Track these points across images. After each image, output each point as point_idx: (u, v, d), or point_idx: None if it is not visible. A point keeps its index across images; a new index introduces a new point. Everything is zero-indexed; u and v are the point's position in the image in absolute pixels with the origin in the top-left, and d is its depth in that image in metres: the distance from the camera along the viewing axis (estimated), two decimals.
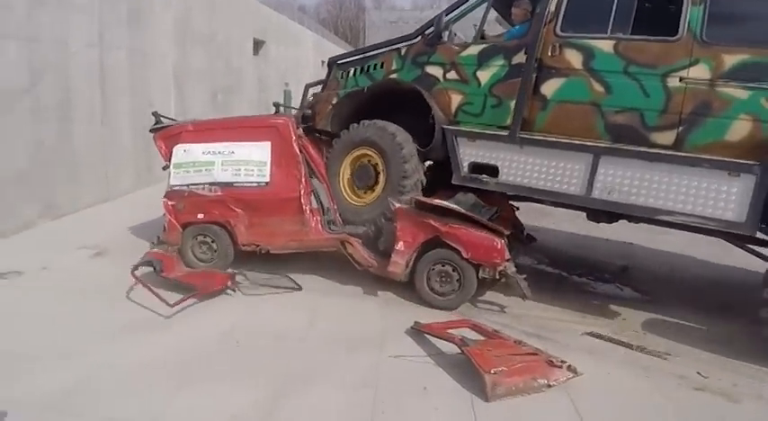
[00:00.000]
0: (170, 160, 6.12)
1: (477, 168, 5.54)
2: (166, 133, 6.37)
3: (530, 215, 7.34)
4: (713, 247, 6.92)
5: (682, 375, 4.33)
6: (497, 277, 5.20)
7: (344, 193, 6.21)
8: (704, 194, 4.51)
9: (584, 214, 5.84)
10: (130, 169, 9.78)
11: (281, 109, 7.28)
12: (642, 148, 4.77)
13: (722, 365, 4.55)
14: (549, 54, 5.11)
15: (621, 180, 4.81)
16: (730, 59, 4.45)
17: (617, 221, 5.72)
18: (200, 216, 5.96)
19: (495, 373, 3.78)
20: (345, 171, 6.22)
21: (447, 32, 5.77)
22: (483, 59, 5.53)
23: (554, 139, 5.13)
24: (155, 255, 5.59)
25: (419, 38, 5.98)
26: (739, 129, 4.43)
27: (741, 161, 4.39)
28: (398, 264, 5.41)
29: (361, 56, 6.63)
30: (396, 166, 5.74)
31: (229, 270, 5.79)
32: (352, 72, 6.56)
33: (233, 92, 14.71)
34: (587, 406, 3.78)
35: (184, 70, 11.88)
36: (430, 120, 5.71)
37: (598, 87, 4.93)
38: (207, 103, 12.96)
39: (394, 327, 4.84)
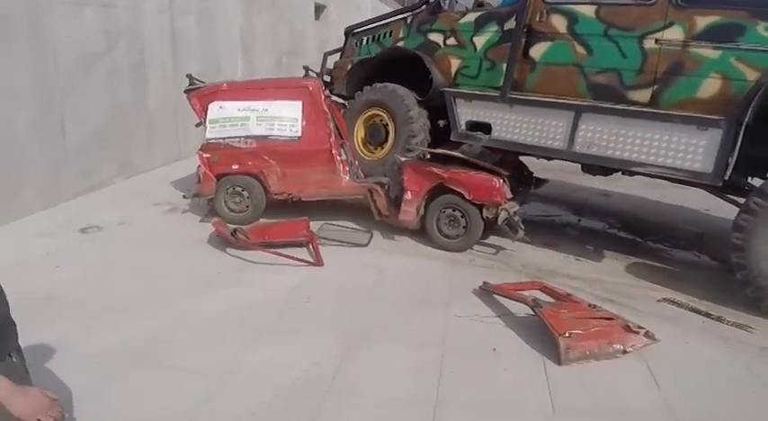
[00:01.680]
0: (204, 117, 6.41)
1: (473, 126, 6.00)
2: (201, 92, 6.60)
3: (599, 180, 7.11)
4: None
5: (764, 347, 4.11)
6: (498, 216, 5.38)
7: (359, 149, 6.86)
8: (675, 147, 4.77)
9: (651, 180, 6.01)
10: (198, 129, 9.95)
11: (310, 72, 7.72)
12: (618, 106, 5.08)
13: None
14: (537, 20, 5.52)
15: (600, 135, 5.13)
16: (702, 21, 4.71)
17: (611, 174, 5.90)
18: (235, 167, 6.20)
19: (569, 336, 3.69)
20: (360, 130, 6.88)
21: (448, 1, 6.38)
22: (479, 26, 6.05)
23: (539, 99, 5.51)
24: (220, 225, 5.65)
25: (423, 7, 6.55)
26: (709, 86, 4.72)
27: (709, 116, 4.62)
28: (409, 213, 5.74)
29: (373, 25, 7.32)
30: (404, 126, 6.35)
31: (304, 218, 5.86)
32: (365, 40, 7.34)
33: (296, 55, 14.72)
34: (665, 374, 3.63)
35: (250, 34, 11.97)
36: (422, 81, 6.27)
37: (581, 50, 5.33)
38: (272, 65, 13.06)
39: (461, 288, 4.78)
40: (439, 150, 5.90)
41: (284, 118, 6.29)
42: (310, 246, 5.40)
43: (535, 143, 5.55)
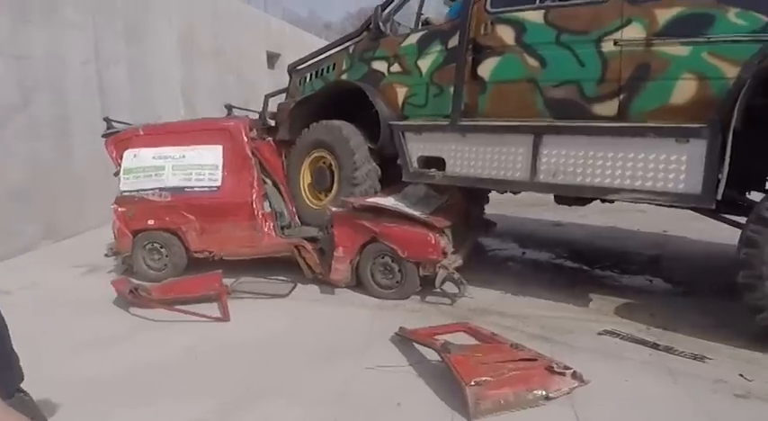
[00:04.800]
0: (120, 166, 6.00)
1: (425, 163, 5.30)
2: (117, 138, 6.22)
3: (556, 210, 6.73)
4: None
5: (719, 379, 3.56)
6: (439, 273, 4.87)
7: (306, 198, 6.11)
8: (654, 167, 4.05)
9: (610, 205, 5.43)
10: None
11: (233, 111, 7.07)
12: (581, 123, 4.38)
13: None
14: (483, 32, 4.82)
15: (566, 160, 4.43)
16: (664, 15, 4.03)
17: (589, 202, 5.28)
18: (151, 222, 5.78)
19: (478, 385, 3.13)
20: (305, 175, 6.12)
21: (389, 24, 5.65)
22: (422, 47, 5.30)
23: (491, 123, 4.84)
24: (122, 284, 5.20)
25: (364, 34, 5.84)
26: (683, 89, 3.99)
27: (688, 125, 3.91)
28: (340, 271, 5.23)
29: (316, 60, 6.55)
30: (347, 171, 5.57)
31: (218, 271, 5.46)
32: (308, 77, 6.58)
33: (249, 105, 14.46)
34: (597, 420, 3.09)
35: (192, 84, 11.70)
36: (374, 116, 5.48)
37: (532, 62, 4.61)
38: (220, 116, 12.76)
39: (380, 335, 4.27)
40: (369, 200, 5.24)
41: (203, 166, 5.80)
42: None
43: (494, 176, 4.81)
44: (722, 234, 6.69)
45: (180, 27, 11.33)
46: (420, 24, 5.64)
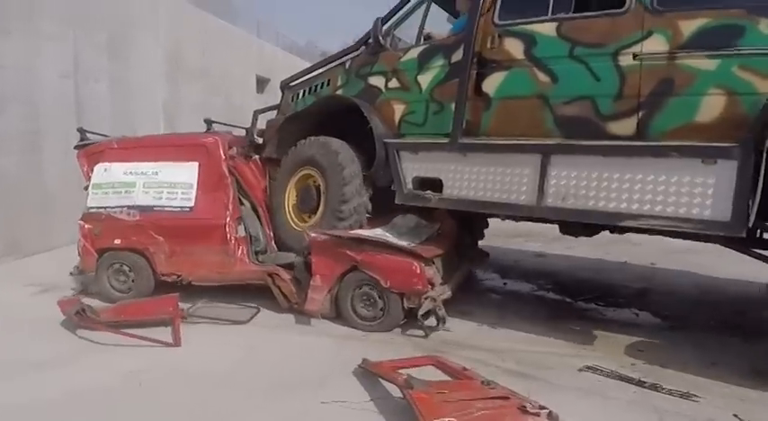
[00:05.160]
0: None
1: (421, 184, 4.98)
2: (89, 150, 5.94)
3: (540, 241, 6.46)
4: (754, 263, 5.81)
5: (710, 419, 3.25)
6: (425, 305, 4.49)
7: (290, 218, 5.70)
8: (675, 190, 3.71)
9: (597, 237, 5.14)
10: None
11: (213, 126, 6.59)
12: (595, 142, 4.05)
13: (765, 402, 3.46)
14: (489, 46, 4.53)
15: (576, 182, 4.08)
16: (689, 26, 3.74)
17: (598, 233, 4.93)
18: (118, 242, 5.48)
19: None
20: (291, 195, 5.73)
21: (388, 38, 5.35)
22: (423, 61, 5.00)
23: (495, 142, 4.51)
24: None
25: (362, 48, 5.54)
26: (711, 106, 3.66)
27: (716, 144, 3.56)
28: (316, 301, 4.85)
29: (310, 75, 6.23)
30: (335, 188, 5.18)
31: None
32: (301, 94, 6.23)
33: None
34: None
35: (176, 104, 11.44)
36: (369, 135, 5.14)
37: (543, 77, 4.30)
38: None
39: (342, 367, 3.91)
40: (351, 233, 4.95)
41: (176, 184, 5.47)
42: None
43: (496, 200, 4.45)
44: (713, 268, 6.51)
45: (166, 44, 11.14)
46: (422, 39, 5.28)
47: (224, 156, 5.55)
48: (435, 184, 4.84)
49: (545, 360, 4.07)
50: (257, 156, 6.08)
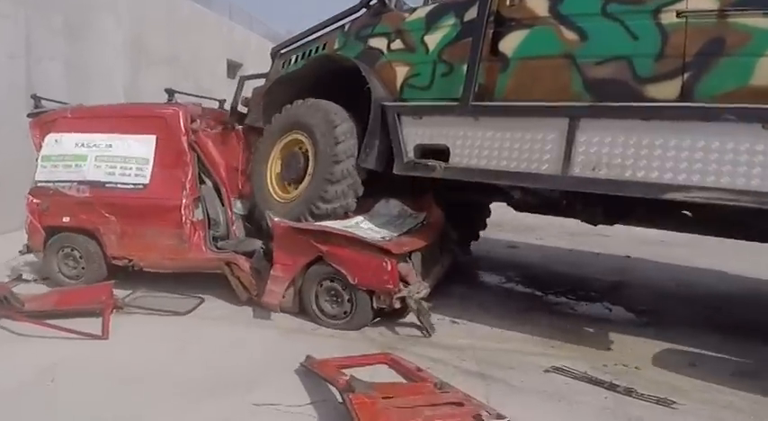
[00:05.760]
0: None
1: (423, 152, 4.49)
2: (42, 119, 5.50)
3: (513, 232, 6.14)
4: (730, 256, 5.59)
5: None
6: (396, 305, 4.09)
7: (271, 189, 5.18)
8: (731, 158, 3.26)
9: (570, 228, 4.88)
10: None
11: (175, 97, 5.82)
12: (634, 104, 3.58)
13: (752, 410, 3.14)
14: (508, 3, 4.12)
15: (610, 149, 3.60)
16: None
17: (618, 221, 4.66)
18: (66, 220, 5.10)
19: None
20: (275, 163, 5.22)
21: (394, 0, 4.93)
22: (431, 21, 4.57)
23: (514, 104, 4.04)
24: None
25: (363, 11, 5.11)
26: None
27: None
28: (275, 294, 4.42)
29: (305, 41, 5.67)
30: (326, 149, 4.66)
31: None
32: (293, 59, 5.69)
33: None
34: None
35: (138, 90, 10.89)
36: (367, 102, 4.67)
37: (570, 35, 3.86)
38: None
39: (283, 365, 3.53)
40: (317, 224, 4.48)
41: (130, 158, 5.04)
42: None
43: (513, 169, 3.98)
44: (688, 259, 6.24)
45: (128, 27, 10.60)
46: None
47: (185, 130, 5.05)
48: (441, 153, 4.39)
49: (508, 359, 3.73)
50: (235, 127, 5.62)
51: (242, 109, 5.89)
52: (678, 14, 3.49)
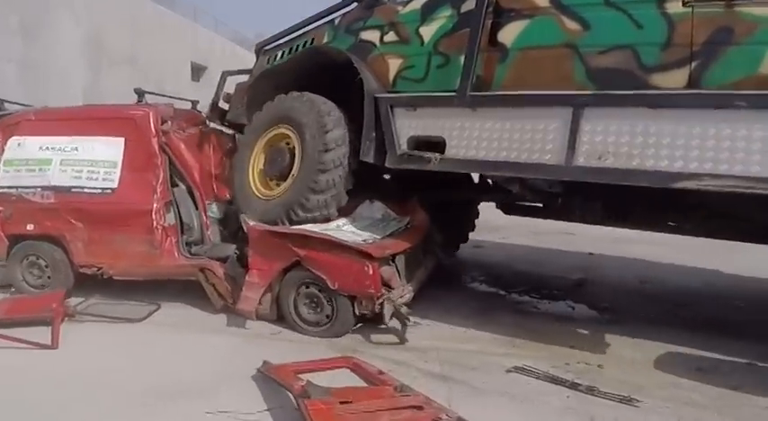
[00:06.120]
0: None
1: (417, 144, 4.36)
2: (4, 122, 5.30)
3: (477, 231, 6.13)
4: (694, 252, 5.65)
5: None
6: (383, 310, 3.93)
7: (253, 186, 4.96)
8: (744, 146, 3.20)
9: (535, 226, 4.84)
10: None
11: (145, 98, 5.68)
12: (641, 91, 3.54)
13: (716, 407, 3.14)
14: None
15: (617, 138, 3.52)
16: None
17: (616, 222, 4.72)
18: (30, 227, 4.91)
19: None
20: (258, 158, 5.01)
21: None
22: (427, 12, 4.48)
23: (515, 93, 3.97)
24: None
25: (354, 4, 4.99)
26: None
27: None
28: (250, 300, 4.25)
29: (292, 36, 5.49)
30: (315, 140, 4.48)
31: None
32: (279, 55, 5.47)
33: None
34: None
35: (99, 92, 10.67)
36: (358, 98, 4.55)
37: (573, 25, 3.81)
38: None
39: (241, 371, 3.43)
40: (295, 228, 4.34)
41: (97, 162, 4.86)
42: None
43: (513, 160, 3.88)
44: (651, 256, 6.29)
45: (87, 28, 10.37)
46: None
47: (155, 132, 4.88)
48: (436, 145, 4.28)
49: (471, 360, 3.68)
50: (210, 127, 5.48)
51: (223, 105, 5.69)
52: (684, 4, 3.46)
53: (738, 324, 4.44)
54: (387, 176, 5.46)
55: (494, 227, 5.65)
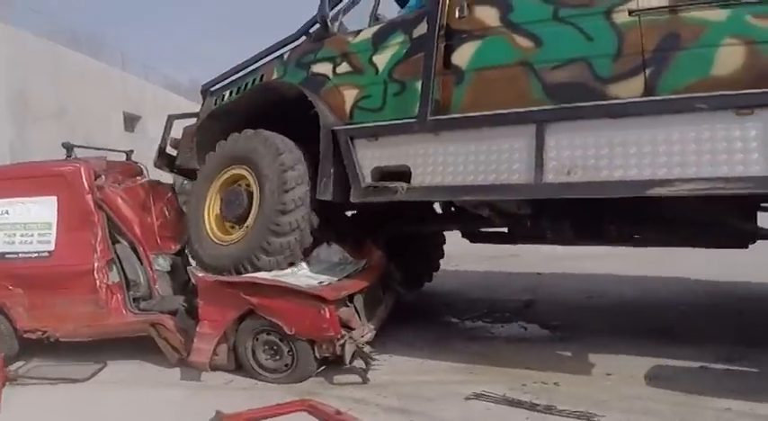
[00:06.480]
0: None
1: (382, 176, 4.27)
2: None
3: None
4: (637, 262, 5.83)
5: None
6: (344, 353, 3.85)
7: (210, 232, 4.77)
8: (709, 148, 3.23)
9: (484, 252, 4.94)
10: None
11: (74, 152, 5.41)
12: (600, 102, 3.57)
13: (677, 414, 3.16)
14: (457, 16, 4.04)
15: (583, 151, 3.52)
16: None
17: (589, 240, 4.73)
18: None
19: None
20: (214, 202, 4.83)
21: (336, 24, 4.70)
22: (379, 40, 4.44)
23: (476, 114, 3.92)
24: None
25: (303, 38, 4.91)
26: (728, 58, 3.30)
27: (751, 91, 3.17)
28: (203, 351, 4.11)
29: (239, 75, 5.36)
30: (273, 180, 4.33)
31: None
32: (227, 95, 5.33)
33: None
34: None
35: (25, 147, 10.32)
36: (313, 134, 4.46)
37: (525, 42, 3.82)
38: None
39: None
40: (245, 276, 4.24)
41: (30, 224, 4.67)
42: None
43: (480, 182, 3.83)
44: (601, 269, 6.46)
45: (9, 82, 10.04)
46: (373, 20, 4.76)
47: (88, 187, 4.69)
48: (402, 174, 4.18)
49: (429, 390, 3.64)
50: (147, 179, 5.31)
51: (171, 151, 5.53)
52: (630, 13, 3.51)
53: (684, 328, 4.57)
54: (348, 213, 5.40)
55: (447, 256, 5.69)
